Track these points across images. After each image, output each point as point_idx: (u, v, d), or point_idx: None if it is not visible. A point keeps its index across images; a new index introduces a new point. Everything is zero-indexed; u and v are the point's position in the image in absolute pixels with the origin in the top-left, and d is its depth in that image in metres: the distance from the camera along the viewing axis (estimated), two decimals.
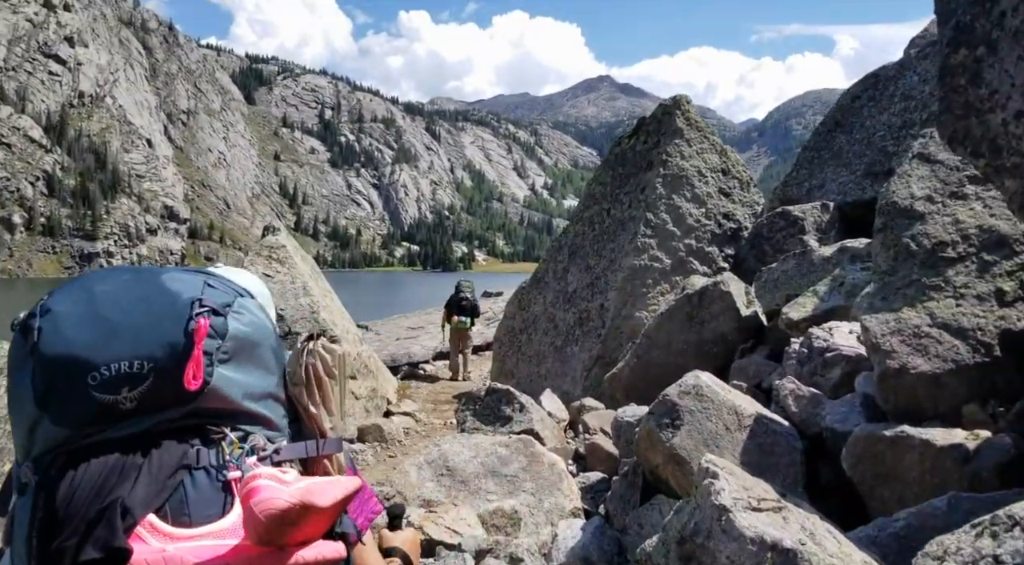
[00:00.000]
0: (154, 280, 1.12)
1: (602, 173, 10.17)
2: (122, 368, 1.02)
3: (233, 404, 1.11)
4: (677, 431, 4.52)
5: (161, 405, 1.05)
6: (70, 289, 1.12)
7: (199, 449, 1.05)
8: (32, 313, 1.09)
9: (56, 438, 1.03)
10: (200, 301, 1.10)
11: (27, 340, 1.06)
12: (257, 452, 1.10)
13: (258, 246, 9.63)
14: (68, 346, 1.03)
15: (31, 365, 1.04)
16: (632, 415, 5.87)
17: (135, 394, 1.03)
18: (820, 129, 9.10)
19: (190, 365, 1.05)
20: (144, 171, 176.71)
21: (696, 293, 7.97)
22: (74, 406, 1.02)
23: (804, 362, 5.49)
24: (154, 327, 1.06)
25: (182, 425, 1.07)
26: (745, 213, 9.40)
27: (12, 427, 1.10)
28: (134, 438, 1.03)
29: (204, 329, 1.07)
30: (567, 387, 9.53)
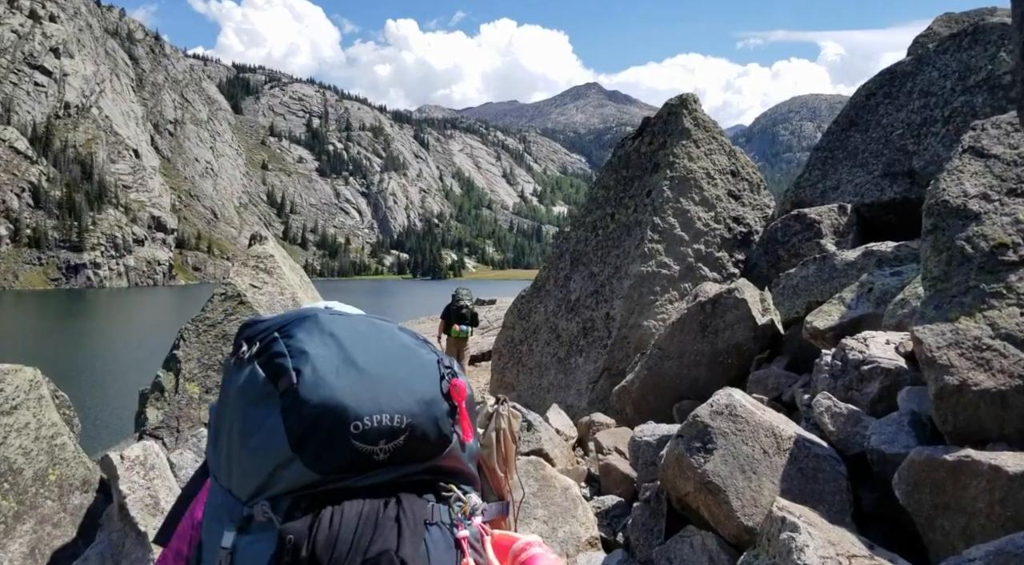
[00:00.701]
0: (391, 333, 1.16)
1: (605, 176, 9.76)
2: (383, 420, 1.05)
3: (461, 464, 1.14)
4: (710, 456, 4.09)
5: (409, 460, 1.08)
6: (311, 329, 1.12)
7: (434, 505, 1.08)
8: (276, 352, 1.08)
9: (305, 481, 1.04)
10: (442, 361, 1.13)
11: (277, 381, 1.06)
12: (477, 513, 1.13)
13: (245, 255, 9.17)
14: (333, 394, 1.04)
15: (282, 405, 1.05)
16: (651, 434, 5.44)
17: (390, 447, 1.05)
18: (833, 128, 8.72)
19: (464, 423, 1.11)
20: (131, 181, 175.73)
21: (709, 301, 7.56)
22: (332, 453, 1.04)
23: (838, 376, 5.06)
24: (411, 383, 1.09)
25: (418, 480, 1.10)
26: (756, 216, 9.00)
27: (236, 462, 1.08)
28: (377, 488, 1.06)
29: (463, 391, 1.12)
30: (571, 400, 9.10)
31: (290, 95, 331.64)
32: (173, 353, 8.57)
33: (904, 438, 4.13)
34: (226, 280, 8.77)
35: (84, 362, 32.79)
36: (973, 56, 7.65)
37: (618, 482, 5.74)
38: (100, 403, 21.83)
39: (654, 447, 5.38)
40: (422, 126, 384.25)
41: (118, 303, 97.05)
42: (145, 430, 8.41)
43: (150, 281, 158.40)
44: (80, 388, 23.02)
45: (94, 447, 11.92)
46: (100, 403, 21.83)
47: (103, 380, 27.20)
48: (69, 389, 21.98)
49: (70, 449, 7.28)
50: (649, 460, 5.36)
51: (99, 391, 24.34)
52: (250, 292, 8.72)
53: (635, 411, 7.76)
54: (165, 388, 8.51)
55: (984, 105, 7.26)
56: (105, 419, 18.90)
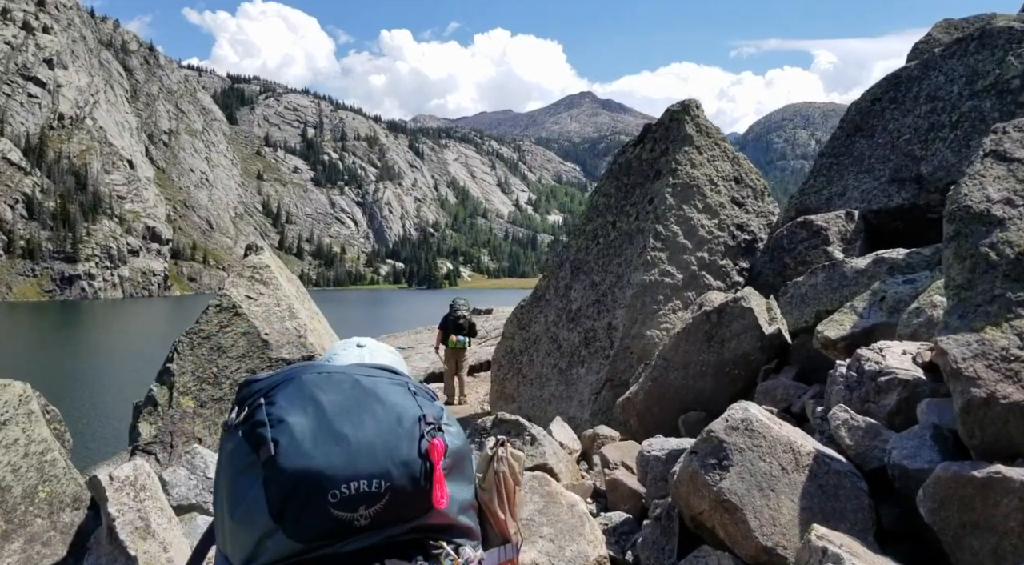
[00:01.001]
0: (374, 391, 1.15)
1: (606, 184, 9.61)
2: (361, 487, 1.05)
3: (450, 519, 1.14)
4: (726, 473, 3.93)
5: (391, 522, 1.08)
6: (292, 395, 1.12)
7: (424, 564, 1.09)
8: (257, 421, 1.09)
9: (287, 551, 1.04)
10: (425, 418, 1.13)
11: (258, 450, 1.07)
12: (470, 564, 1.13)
13: (240, 266, 8.99)
14: (309, 463, 1.04)
15: (263, 476, 1.05)
16: (660, 449, 5.27)
17: (370, 512, 1.05)
18: (838, 134, 8.58)
19: (436, 487, 1.09)
20: (125, 192, 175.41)
21: (715, 310, 7.40)
22: (311, 522, 1.04)
23: (853, 387, 4.91)
24: (388, 445, 1.09)
25: (404, 540, 1.10)
26: (760, 224, 8.86)
27: (228, 532, 1.09)
28: (362, 553, 1.06)
29: (440, 449, 1.11)
30: (573, 411, 8.93)
31: (285, 105, 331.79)
32: (167, 366, 8.38)
33: (927, 453, 3.97)
34: (221, 291, 8.60)
35: (77, 374, 32.45)
36: (980, 60, 7.53)
37: (626, 498, 5.56)
38: (93, 417, 21.56)
39: (663, 462, 5.21)
40: (417, 136, 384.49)
41: (112, 314, 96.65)
42: (138, 445, 8.22)
43: (145, 292, 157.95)
44: (73, 401, 22.77)
45: (86, 462, 11.72)
46: (93, 417, 21.56)
47: (96, 393, 26.89)
48: (61, 403, 21.75)
49: (60, 465, 7.09)
50: (659, 475, 5.19)
51: (92, 404, 24.04)
52: (245, 303, 8.55)
53: (639, 423, 7.60)
54: (158, 402, 8.32)
55: (993, 110, 7.13)
56: (99, 433, 18.67)
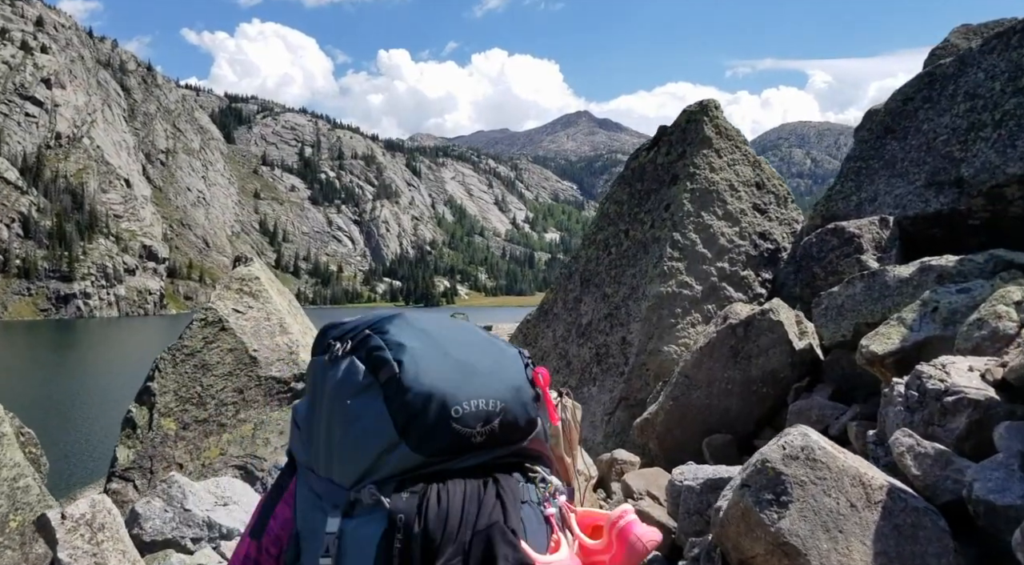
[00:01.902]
0: (472, 329, 1.25)
1: (617, 191, 9.06)
2: (480, 405, 1.12)
3: (543, 447, 1.23)
4: (785, 511, 3.33)
5: (501, 442, 1.14)
6: (402, 326, 1.18)
7: (525, 485, 1.14)
8: (374, 345, 1.14)
9: (409, 464, 1.09)
10: (522, 352, 1.24)
11: (377, 372, 1.11)
12: (561, 493, 1.20)
13: (228, 278, 8.41)
14: (434, 381, 1.10)
15: (384, 394, 1.10)
16: (693, 478, 4.68)
17: (486, 430, 1.12)
18: (866, 136, 8.04)
19: (550, 406, 1.24)
20: (122, 211, 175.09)
21: (741, 323, 6.83)
22: (435, 436, 1.09)
23: (915, 408, 4.32)
24: (501, 372, 1.17)
25: (508, 462, 1.15)
26: (783, 232, 8.30)
27: (338, 451, 1.12)
28: (474, 470, 1.11)
29: (548, 378, 1.24)
30: (585, 433, 8.32)
31: (282, 124, 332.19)
32: (147, 385, 7.78)
33: (1018, 486, 3.38)
34: (207, 305, 8.02)
35: (66, 394, 31.55)
36: None
37: None
38: (78, 439, 20.70)
39: (698, 493, 4.62)
40: (414, 154, 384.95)
41: (107, 333, 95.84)
42: (115, 471, 7.61)
43: (141, 311, 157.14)
44: (59, 423, 22.05)
45: (66, 489, 11.07)
46: (78, 439, 20.70)
47: (84, 413, 25.96)
48: (46, 424, 20.93)
49: (34, 492, 6.49)
50: (692, 508, 4.60)
51: (77, 426, 23.12)
52: (233, 317, 7.96)
53: (659, 446, 7.00)
54: (138, 424, 7.71)
55: None
56: (84, 456, 17.92)
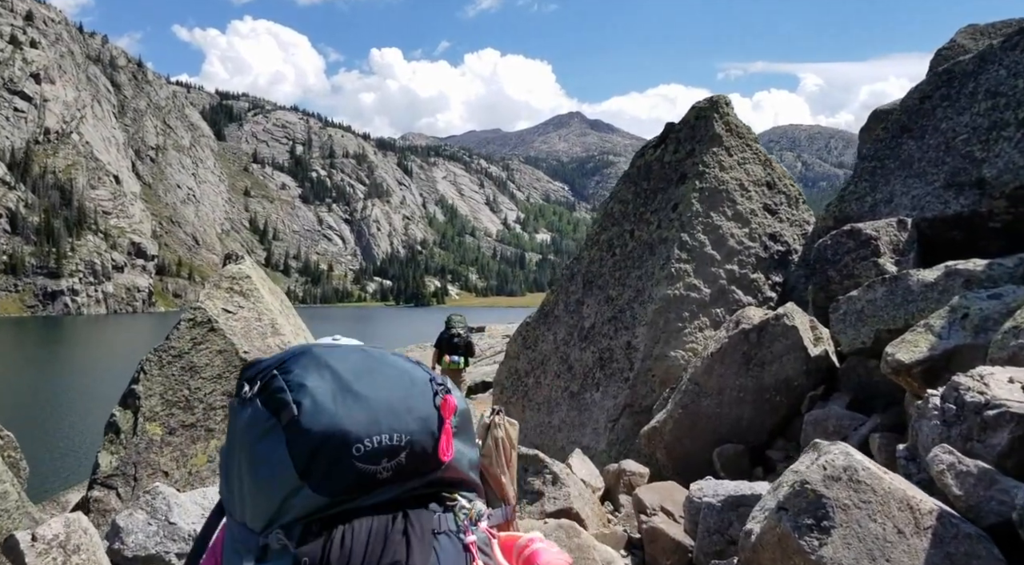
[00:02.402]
0: (383, 358, 1.22)
1: (622, 189, 8.77)
2: (383, 440, 1.10)
3: (462, 474, 1.20)
4: (827, 537, 3.05)
5: (411, 475, 1.13)
6: (307, 364, 1.16)
7: (440, 515, 1.14)
8: (276, 387, 1.12)
9: (313, 506, 1.08)
10: (435, 379, 1.20)
11: (278, 414, 1.10)
12: (482, 518, 1.19)
13: (218, 277, 8.07)
14: (333, 420, 1.09)
15: (286, 437, 1.09)
16: (713, 494, 4.39)
17: (392, 465, 1.10)
18: (881, 135, 7.78)
19: (443, 438, 1.16)
20: (111, 207, 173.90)
21: (754, 329, 6.55)
22: (337, 476, 1.08)
23: (952, 422, 4.03)
24: (406, 403, 1.15)
25: (422, 493, 1.15)
26: (794, 234, 8.03)
27: (248, 496, 1.12)
28: (384, 506, 1.10)
29: (452, 406, 1.18)
30: (587, 441, 8.03)
31: (273, 122, 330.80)
32: (132, 388, 7.42)
33: None
34: (195, 304, 7.68)
35: (49, 395, 30.60)
36: None
37: (668, 552, 4.67)
38: (61, 442, 20.04)
39: (718, 510, 4.33)
40: (405, 154, 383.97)
41: (94, 330, 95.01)
42: (96, 478, 7.26)
43: (129, 308, 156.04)
44: (39, 424, 21.48)
45: (48, 494, 10.69)
46: (61, 442, 20.04)
47: (67, 415, 25.01)
48: (28, 426, 20.35)
49: (12, 498, 6.16)
50: (713, 527, 4.31)
51: (60, 428, 22.48)
52: (223, 317, 7.62)
53: (668, 456, 6.71)
54: (121, 429, 7.34)
55: None
56: (68, 460, 17.45)
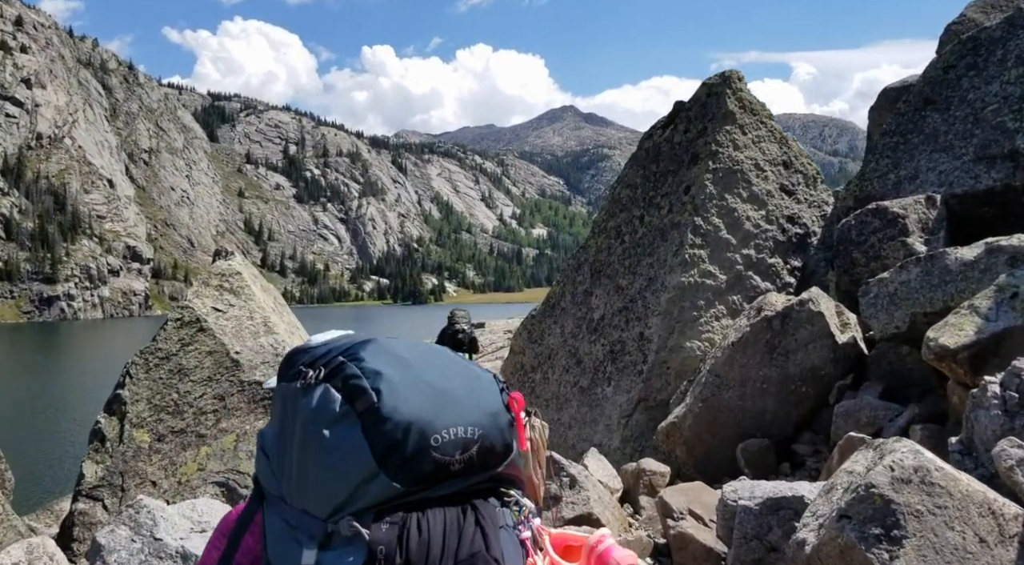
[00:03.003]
0: (445, 353, 1.23)
1: (630, 173, 8.36)
2: (459, 433, 1.11)
3: (518, 471, 1.21)
4: (898, 548, 2.65)
5: (479, 469, 1.13)
6: (377, 352, 1.16)
7: (500, 509, 1.14)
8: (350, 373, 1.12)
9: (388, 495, 1.08)
10: (497, 376, 1.22)
11: (354, 400, 1.10)
12: (536, 515, 1.21)
13: (207, 274, 7.66)
14: (413, 410, 1.10)
15: (362, 424, 1.09)
16: (749, 496, 3.98)
17: (464, 457, 1.11)
18: (903, 109, 7.38)
19: (521, 432, 1.21)
20: (105, 211, 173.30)
21: (777, 316, 6.15)
22: (415, 466, 1.08)
23: (1015, 412, 3.64)
24: (478, 397, 1.15)
25: (484, 487, 1.15)
26: (813, 215, 7.63)
27: (314, 482, 1.11)
28: (452, 498, 1.11)
29: (521, 402, 1.23)
30: (599, 438, 7.63)
31: (266, 122, 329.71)
32: (117, 393, 7.00)
33: None
34: (183, 303, 7.27)
35: (39, 401, 29.75)
36: None
37: (699, 559, 4.27)
38: (50, 450, 19.46)
39: (756, 514, 3.92)
40: (399, 151, 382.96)
41: (90, 335, 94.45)
42: (81, 489, 6.86)
43: (126, 312, 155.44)
44: (28, 432, 20.94)
45: (37, 504, 10.29)
46: (50, 450, 19.46)
47: (56, 421, 24.14)
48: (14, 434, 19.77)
49: None
50: (750, 533, 3.91)
51: (49, 435, 21.81)
52: (213, 317, 7.21)
53: (688, 453, 6.32)
54: (107, 437, 6.92)
55: None
56: (63, 468, 16.96)
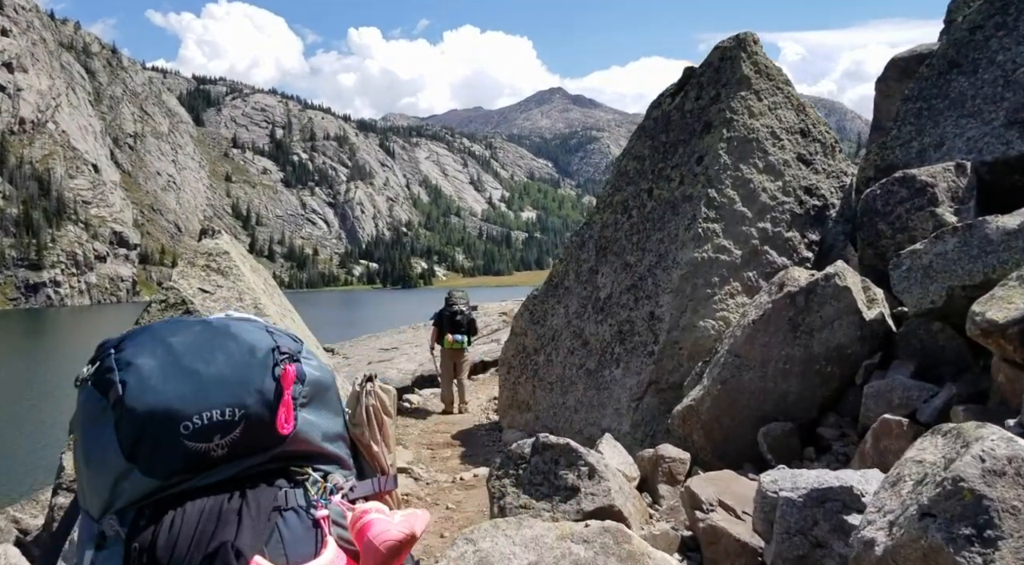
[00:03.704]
0: (227, 330, 1.15)
1: (637, 144, 7.96)
2: (214, 416, 1.05)
3: (313, 446, 1.15)
4: (993, 550, 2.30)
5: (250, 451, 1.08)
6: (141, 341, 1.11)
7: (287, 491, 1.08)
8: (106, 367, 1.08)
9: (145, 489, 1.04)
10: (279, 348, 1.14)
11: (107, 394, 1.06)
12: (338, 491, 1.14)
13: (193, 253, 7.25)
14: (157, 398, 1.04)
15: (114, 419, 1.04)
16: (792, 487, 3.63)
17: (226, 441, 1.05)
18: (926, 73, 7.00)
19: (281, 410, 1.10)
20: (90, 197, 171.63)
21: (801, 291, 5.79)
22: (165, 457, 1.04)
23: None
24: (241, 375, 1.09)
25: (267, 469, 1.10)
26: (831, 186, 7.27)
27: (86, 483, 1.08)
28: (223, 484, 1.06)
29: (291, 375, 1.12)
30: (607, 422, 7.28)
31: (252, 106, 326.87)
32: None
33: None
34: (168, 284, 6.86)
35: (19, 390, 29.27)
36: None
37: (733, 555, 3.93)
38: (31, 441, 19.03)
39: (800, 507, 3.57)
40: (387, 134, 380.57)
41: (77, 322, 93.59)
42: (61, 483, 6.49)
43: (113, 298, 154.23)
44: (15, 419, 20.51)
45: (17, 497, 9.91)
46: (31, 441, 19.03)
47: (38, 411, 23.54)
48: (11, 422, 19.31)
49: None
50: (793, 527, 3.56)
51: (30, 425, 21.09)
52: (199, 298, 6.79)
53: (705, 438, 5.96)
54: None
55: None
56: (42, 457, 16.52)
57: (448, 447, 8.31)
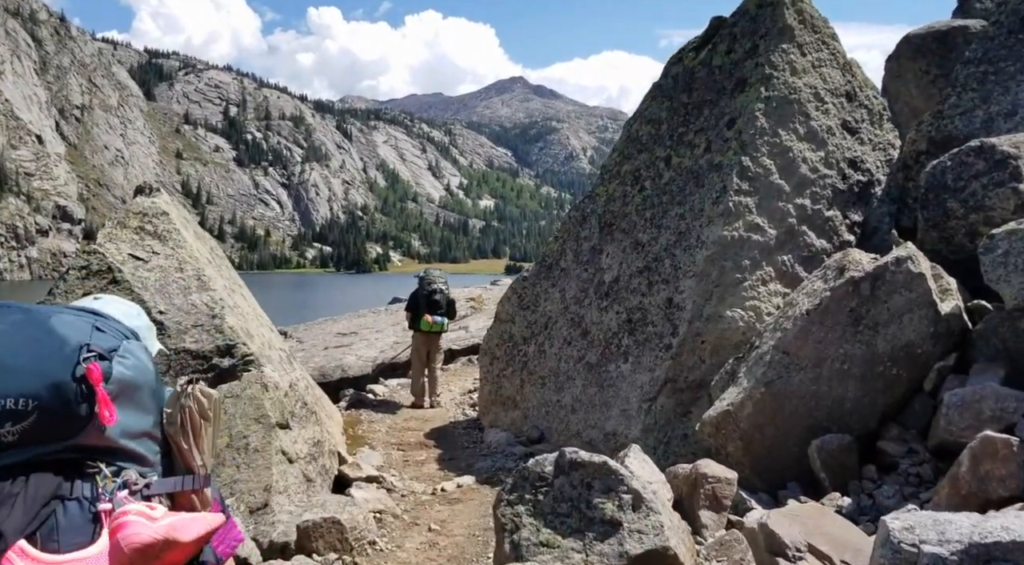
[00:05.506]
0: (44, 322, 1.24)
1: (652, 106, 6.92)
2: (7, 405, 1.14)
3: (109, 442, 1.22)
4: None
5: (41, 440, 1.17)
6: None
7: (73, 481, 1.17)
8: None
9: None
10: (88, 346, 1.23)
11: None
12: (129, 486, 1.21)
13: (125, 212, 6.02)
14: None
15: None
16: (938, 538, 2.62)
17: (17, 428, 1.14)
18: (991, 32, 6.09)
19: (101, 406, 1.19)
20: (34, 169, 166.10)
21: (867, 277, 4.81)
22: None
23: None
24: (41, 368, 1.18)
25: (60, 459, 1.19)
26: (877, 159, 6.33)
27: None
28: (11, 468, 1.14)
29: (96, 373, 1.20)
30: (612, 426, 6.27)
31: (206, 82, 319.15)
32: None
33: None
34: (90, 247, 5.65)
35: None
36: None
37: None
38: None
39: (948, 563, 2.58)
40: (345, 117, 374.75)
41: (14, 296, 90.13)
42: None
43: (55, 273, 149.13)
44: None
45: None
46: None
47: None
48: None
49: None
50: None
51: None
52: (130, 266, 5.57)
53: (744, 450, 4.97)
54: None
55: None
56: None
57: (422, 448, 7.22)
